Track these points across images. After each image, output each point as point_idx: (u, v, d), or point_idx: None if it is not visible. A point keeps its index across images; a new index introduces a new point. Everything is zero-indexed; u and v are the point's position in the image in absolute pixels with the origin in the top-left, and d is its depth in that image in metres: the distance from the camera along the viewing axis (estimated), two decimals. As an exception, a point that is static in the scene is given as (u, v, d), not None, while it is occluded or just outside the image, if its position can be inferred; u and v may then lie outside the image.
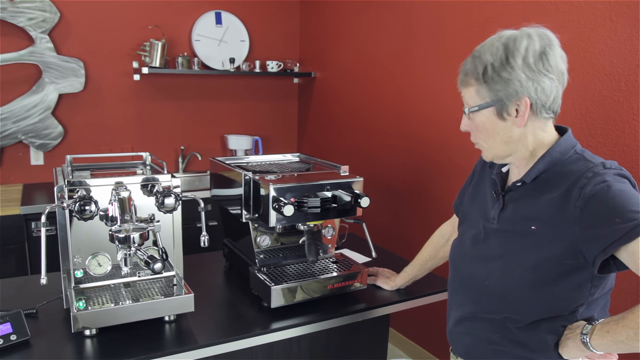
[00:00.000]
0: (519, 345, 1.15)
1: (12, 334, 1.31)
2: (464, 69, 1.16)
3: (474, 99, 1.14)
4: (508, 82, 1.07)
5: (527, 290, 1.11)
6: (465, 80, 1.15)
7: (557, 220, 1.07)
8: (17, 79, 3.00)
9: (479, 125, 1.15)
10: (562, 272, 1.08)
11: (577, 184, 1.05)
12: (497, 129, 1.13)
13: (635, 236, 0.97)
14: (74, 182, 1.39)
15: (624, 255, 1.00)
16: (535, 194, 1.14)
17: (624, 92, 1.69)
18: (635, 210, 0.98)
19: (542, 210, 1.10)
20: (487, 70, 1.09)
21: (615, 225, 0.99)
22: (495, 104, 1.10)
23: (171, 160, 3.51)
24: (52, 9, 2.96)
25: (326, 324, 1.55)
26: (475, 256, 1.24)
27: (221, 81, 3.61)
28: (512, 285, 1.14)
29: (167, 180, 1.50)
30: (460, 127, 1.21)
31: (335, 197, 1.55)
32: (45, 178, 3.17)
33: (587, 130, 1.80)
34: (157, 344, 1.36)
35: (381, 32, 2.89)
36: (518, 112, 1.10)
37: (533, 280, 1.11)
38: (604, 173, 1.04)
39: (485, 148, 1.19)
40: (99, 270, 1.47)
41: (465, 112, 1.18)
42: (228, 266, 1.92)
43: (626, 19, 1.67)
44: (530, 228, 1.11)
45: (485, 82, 1.10)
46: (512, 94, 1.08)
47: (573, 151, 1.13)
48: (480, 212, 1.27)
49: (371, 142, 3.06)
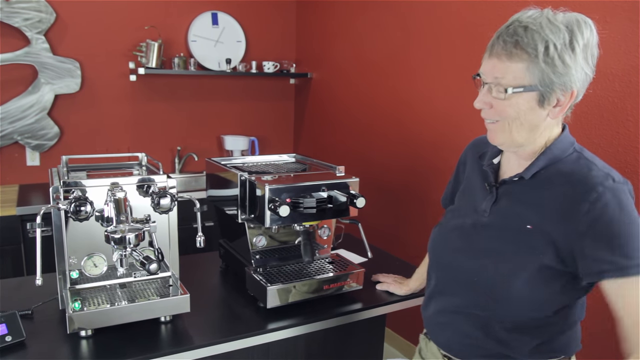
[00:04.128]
0: (503, 345, 1.13)
1: (7, 335, 1.31)
2: (510, 39, 1.00)
3: (519, 77, 1.00)
4: (568, 69, 0.98)
5: (518, 291, 1.07)
6: (515, 53, 0.99)
7: (558, 227, 1.03)
8: (13, 79, 3.00)
9: (510, 107, 1.03)
10: (554, 275, 1.05)
11: (587, 196, 0.99)
12: (530, 117, 1.04)
13: (624, 276, 0.96)
14: (69, 183, 1.39)
15: (607, 287, 0.99)
16: (533, 191, 1.09)
17: (619, 92, 1.69)
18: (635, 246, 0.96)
19: (540, 211, 1.06)
20: (550, 50, 0.97)
21: (614, 257, 0.96)
22: (544, 88, 1.00)
23: (167, 160, 3.51)
24: (48, 10, 2.95)
25: (322, 324, 1.55)
26: (463, 249, 1.19)
27: (217, 82, 3.61)
28: (502, 284, 1.09)
29: (163, 180, 1.50)
30: (475, 104, 1.09)
31: (331, 197, 1.56)
32: (41, 179, 3.16)
33: (582, 131, 1.81)
34: (153, 345, 1.36)
35: (378, 33, 2.89)
36: (559, 102, 1.02)
37: (524, 282, 1.06)
38: (615, 190, 0.99)
39: (505, 130, 1.07)
40: (94, 271, 1.47)
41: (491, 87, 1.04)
42: (224, 267, 1.92)
43: (620, 20, 1.68)
44: (526, 227, 1.07)
45: (545, 62, 0.97)
46: (566, 83, 0.99)
47: (572, 149, 1.09)
48: (469, 204, 1.22)
49: (367, 142, 3.07)
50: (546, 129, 1.07)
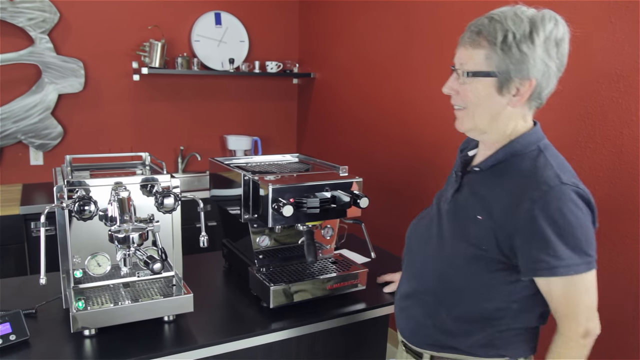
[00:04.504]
0: (448, 335, 1.17)
1: (11, 334, 1.31)
2: (475, 28, 1.07)
3: (479, 63, 1.06)
4: (524, 58, 1.02)
5: (461, 278, 1.13)
6: (477, 40, 1.07)
7: (503, 220, 1.06)
8: (16, 79, 3.01)
9: (471, 92, 1.09)
10: (497, 267, 1.10)
11: (530, 193, 1.02)
12: (490, 102, 1.08)
13: (553, 275, 1.02)
14: (73, 182, 1.39)
15: (539, 282, 1.07)
16: (489, 183, 1.12)
17: (623, 93, 1.69)
18: (568, 248, 1.01)
19: (491, 203, 1.09)
20: (508, 37, 1.02)
21: (546, 256, 1.01)
22: (500, 75, 1.05)
23: (170, 160, 3.52)
24: (51, 9, 2.96)
25: (325, 324, 1.55)
26: (423, 236, 1.26)
27: (221, 82, 3.61)
28: (446, 271, 1.15)
29: (167, 180, 1.50)
30: (443, 89, 1.16)
31: (335, 197, 1.55)
32: (45, 178, 3.17)
33: (586, 132, 1.80)
34: (157, 344, 1.36)
35: (380, 33, 2.89)
36: (518, 91, 1.06)
37: (466, 269, 1.12)
38: (559, 190, 1.02)
39: (468, 116, 1.13)
40: (98, 270, 1.47)
41: (458, 73, 1.11)
42: (227, 266, 1.92)
43: (625, 20, 1.67)
44: (477, 217, 1.10)
45: (502, 49, 1.03)
46: (523, 71, 1.03)
47: (536, 146, 1.11)
48: (442, 195, 1.28)
49: (370, 142, 3.07)
50: (510, 120, 1.10)
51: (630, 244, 1.66)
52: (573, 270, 1.02)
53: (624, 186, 1.68)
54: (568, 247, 1.01)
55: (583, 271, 1.02)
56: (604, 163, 1.73)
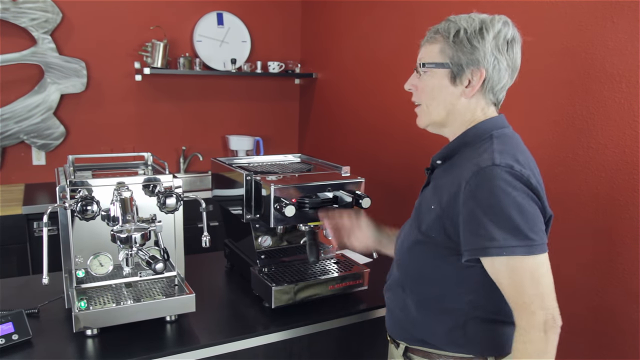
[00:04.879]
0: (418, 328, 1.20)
1: (13, 334, 1.32)
2: (434, 28, 1.19)
3: (434, 56, 1.16)
4: (475, 50, 1.10)
5: (415, 265, 1.19)
6: (433, 38, 1.17)
7: (447, 207, 1.10)
8: (19, 79, 3.01)
9: (427, 85, 1.18)
10: (445, 252, 1.13)
11: (466, 176, 1.06)
12: (444, 94, 1.15)
13: (485, 254, 1.03)
14: (76, 182, 1.39)
15: (487, 265, 1.07)
16: (444, 175, 1.17)
17: (625, 93, 1.68)
18: (501, 229, 1.01)
19: (442, 192, 1.13)
20: (460, 33, 1.12)
21: (478, 237, 1.03)
22: (453, 67, 1.12)
23: (172, 160, 3.52)
24: (54, 10, 2.96)
25: (327, 324, 1.55)
26: (402, 230, 1.32)
27: (222, 82, 3.62)
28: (404, 257, 1.23)
29: (169, 180, 1.50)
30: (405, 85, 1.24)
31: (337, 197, 1.55)
32: (47, 178, 3.17)
33: (588, 132, 1.80)
34: (159, 344, 1.36)
35: (383, 33, 2.89)
36: (470, 82, 1.12)
37: (418, 256, 1.18)
38: (491, 172, 1.03)
39: (424, 111, 1.21)
40: (100, 270, 1.48)
41: (417, 68, 1.19)
42: (229, 266, 1.92)
43: (627, 20, 1.67)
44: (431, 207, 1.15)
45: (454, 43, 1.12)
46: (474, 62, 1.10)
47: (489, 135, 1.13)
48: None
49: (372, 143, 3.06)
50: (467, 112, 1.15)
51: (630, 244, 1.66)
52: (506, 252, 1.01)
53: (625, 186, 1.68)
54: (501, 228, 1.00)
55: (521, 254, 1.01)
56: (606, 163, 1.73)
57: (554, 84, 1.87)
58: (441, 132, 1.24)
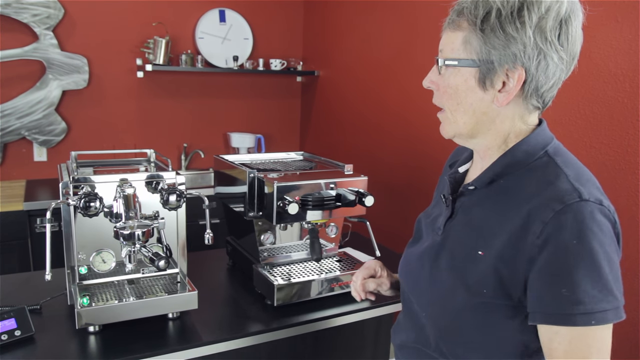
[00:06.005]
0: None
1: (16, 330, 1.32)
2: (458, 6, 0.88)
3: (457, 49, 0.86)
4: (510, 41, 0.80)
5: (469, 334, 0.89)
6: (456, 21, 0.87)
7: (507, 253, 0.83)
8: (20, 75, 3.01)
9: (449, 86, 0.88)
10: (507, 313, 0.85)
11: (541, 214, 0.79)
12: (471, 99, 0.87)
13: (568, 323, 0.77)
14: (79, 179, 1.39)
15: (543, 331, 0.81)
16: (489, 205, 0.89)
17: (629, 93, 1.68)
18: (592, 286, 0.76)
19: (492, 232, 0.85)
20: (491, 15, 0.81)
21: (560, 297, 0.77)
22: (481, 65, 0.84)
23: (174, 157, 3.52)
24: (56, 6, 2.96)
25: (329, 322, 1.55)
26: (417, 278, 1.00)
27: (224, 79, 3.61)
28: (451, 322, 0.90)
29: (172, 177, 1.50)
30: (423, 83, 0.94)
31: (340, 195, 1.55)
32: (49, 174, 3.17)
33: (591, 132, 1.80)
34: (161, 341, 1.36)
35: (385, 31, 2.89)
36: (505, 85, 0.84)
37: (475, 322, 0.87)
38: (579, 210, 0.77)
39: (448, 119, 0.92)
40: (103, 266, 1.48)
41: (437, 63, 0.89)
42: (231, 264, 1.92)
43: (632, 20, 1.67)
44: (478, 253, 0.86)
45: (482, 30, 0.82)
46: (509, 58, 0.81)
47: (544, 152, 0.87)
48: (432, 222, 1.03)
49: (375, 141, 3.06)
50: (504, 122, 0.88)
51: (630, 244, 1.66)
52: (596, 319, 0.76)
53: (627, 186, 1.68)
54: (592, 284, 0.76)
55: (610, 319, 0.77)
56: (609, 163, 1.73)
57: (557, 83, 1.86)
58: (469, 145, 0.95)
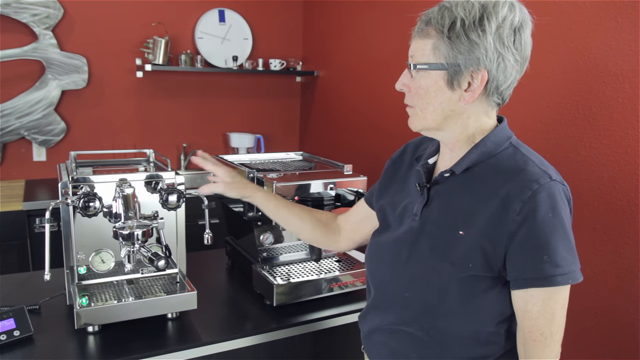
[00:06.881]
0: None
1: (15, 330, 1.32)
2: (426, 17, 0.99)
3: (427, 55, 0.97)
4: (474, 47, 0.92)
5: (453, 305, 0.98)
6: (425, 30, 0.98)
7: (490, 229, 0.94)
8: (20, 75, 3.01)
9: (420, 88, 0.99)
10: (487, 284, 0.97)
11: (519, 194, 0.91)
12: (440, 99, 0.98)
13: (549, 283, 0.90)
14: (78, 179, 1.39)
15: (518, 295, 0.94)
16: (465, 190, 1.00)
17: (628, 93, 1.68)
18: (565, 251, 0.90)
19: (472, 213, 0.96)
20: (456, 25, 0.93)
21: (541, 262, 0.89)
22: (449, 68, 0.95)
23: (173, 157, 3.52)
24: (55, 6, 2.96)
25: (329, 322, 1.55)
26: (394, 261, 1.08)
27: (224, 79, 3.61)
28: (437, 295, 1.00)
29: (171, 177, 1.50)
30: (396, 85, 1.05)
31: (339, 195, 1.55)
32: (48, 174, 3.17)
33: (591, 132, 1.80)
34: (160, 341, 1.36)
35: (384, 31, 2.89)
36: (470, 85, 0.95)
37: (457, 295, 0.97)
38: (551, 189, 0.91)
39: (417, 115, 1.03)
40: (102, 266, 1.48)
41: (409, 67, 1.00)
42: (230, 264, 1.92)
43: (631, 20, 1.67)
44: (458, 233, 0.97)
45: (449, 38, 0.93)
46: (473, 62, 0.93)
47: (508, 143, 1.01)
48: (403, 210, 1.11)
49: (374, 141, 3.06)
50: (469, 117, 1.00)
51: (631, 244, 1.66)
52: (571, 278, 0.90)
53: (627, 186, 1.68)
54: (565, 250, 0.90)
55: (578, 278, 0.91)
56: (608, 163, 1.73)
57: (556, 83, 1.87)
58: (436, 136, 1.07)
